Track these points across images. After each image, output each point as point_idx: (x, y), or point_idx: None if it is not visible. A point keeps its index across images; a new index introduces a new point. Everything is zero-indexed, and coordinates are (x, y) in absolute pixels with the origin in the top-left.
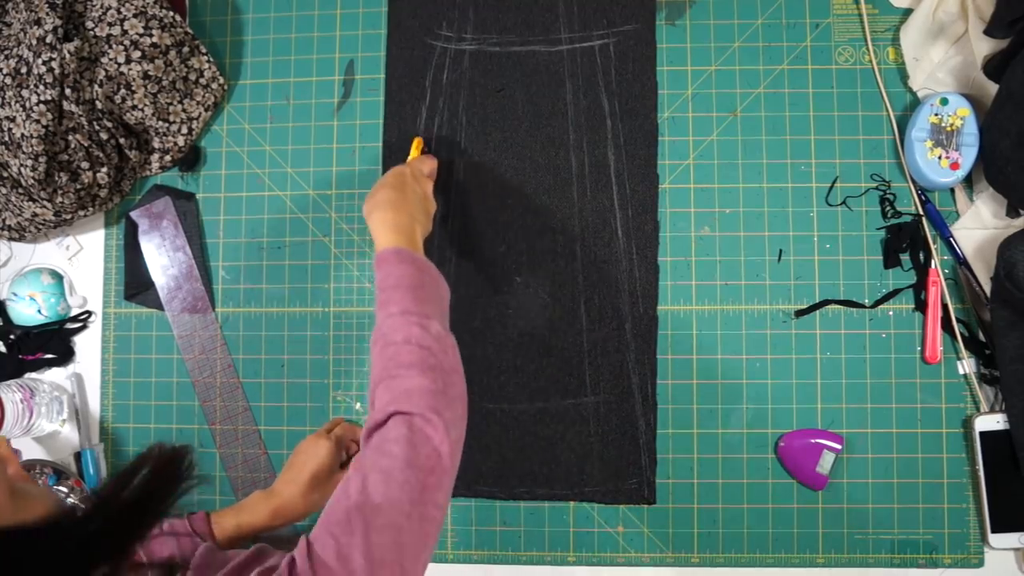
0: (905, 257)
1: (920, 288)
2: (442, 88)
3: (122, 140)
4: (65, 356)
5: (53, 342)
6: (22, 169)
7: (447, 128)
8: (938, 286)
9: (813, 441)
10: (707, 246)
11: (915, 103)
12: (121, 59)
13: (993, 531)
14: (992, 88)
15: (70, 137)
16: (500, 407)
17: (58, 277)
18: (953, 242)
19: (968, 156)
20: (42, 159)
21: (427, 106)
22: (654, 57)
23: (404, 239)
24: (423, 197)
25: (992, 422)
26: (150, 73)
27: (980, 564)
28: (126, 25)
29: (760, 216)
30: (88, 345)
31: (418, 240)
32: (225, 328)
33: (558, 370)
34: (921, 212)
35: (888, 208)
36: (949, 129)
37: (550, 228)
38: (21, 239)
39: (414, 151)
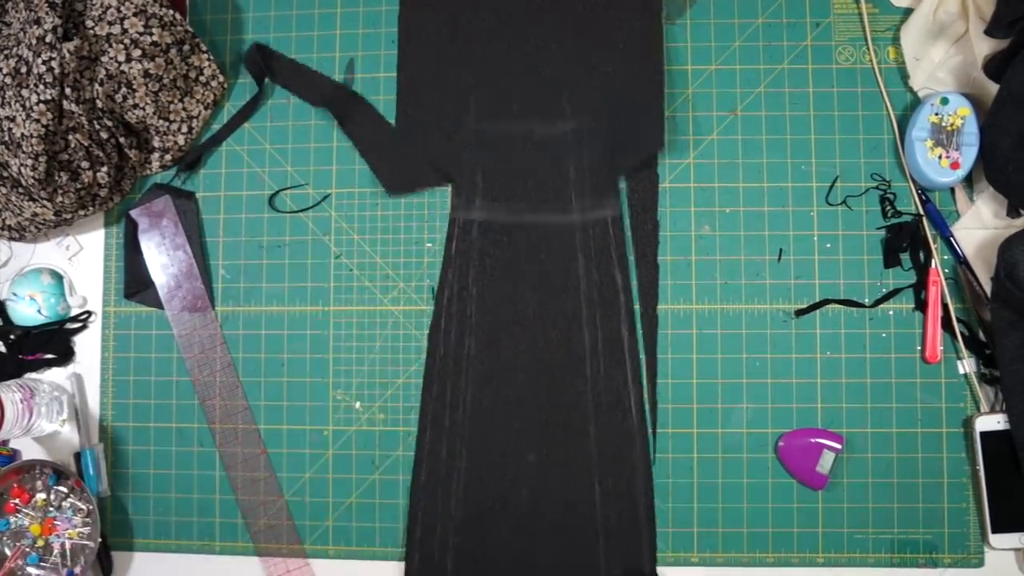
0: (905, 257)
1: (920, 288)
2: (451, 259)
3: (122, 139)
4: (65, 356)
5: (53, 342)
6: (22, 169)
7: (456, 301)
8: (938, 286)
9: (813, 441)
10: (707, 245)
11: (915, 103)
12: (121, 58)
13: (993, 531)
14: (992, 88)
15: (70, 136)
16: None
17: (58, 277)
18: (953, 242)
19: (968, 156)
20: (42, 159)
21: (436, 279)
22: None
23: None
24: None
25: (992, 422)
26: (151, 71)
27: (980, 564)
28: (126, 24)
29: (760, 215)
30: (88, 345)
31: None
32: (225, 327)
33: (571, 551)
34: (921, 212)
35: (888, 208)
36: (949, 129)
37: (563, 406)
38: (21, 239)
39: None
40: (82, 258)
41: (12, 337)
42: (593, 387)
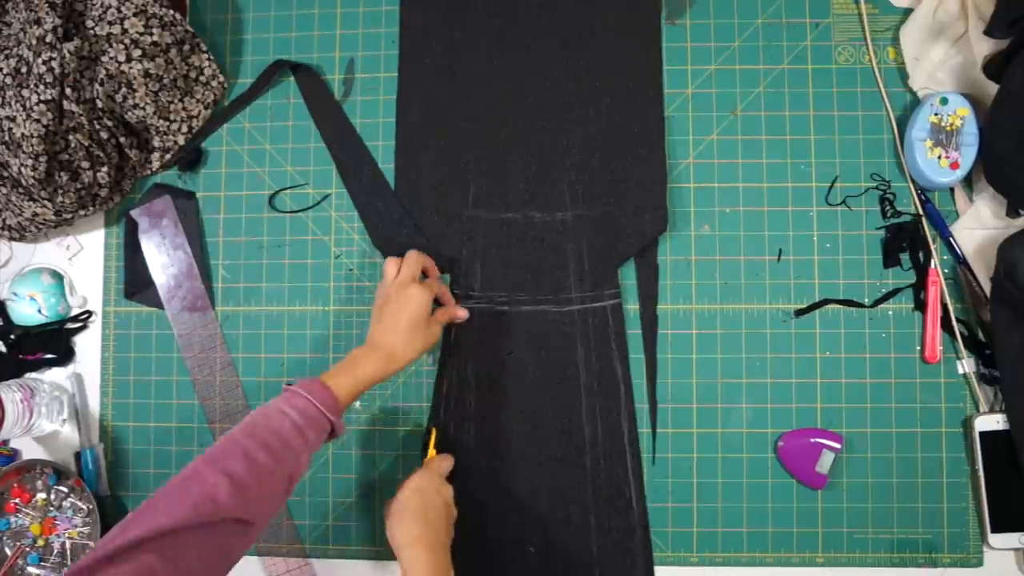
0: (905, 257)
1: (920, 288)
2: (450, 348)
3: (122, 139)
4: (65, 356)
5: (53, 342)
6: (22, 169)
7: (456, 391)
8: (937, 286)
9: (812, 440)
10: (707, 245)
11: (915, 103)
12: (122, 58)
13: (993, 531)
14: (992, 88)
15: (70, 137)
16: None
17: (58, 277)
18: (953, 242)
19: (968, 156)
20: (42, 159)
21: (435, 368)
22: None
23: None
24: (446, 509)
25: (992, 422)
26: (151, 71)
27: (979, 564)
28: (126, 24)
29: (760, 215)
30: (88, 345)
31: (450, 567)
32: (225, 327)
33: None
34: (921, 212)
35: (888, 208)
36: (949, 129)
37: (563, 497)
38: (21, 239)
39: (431, 446)
40: (82, 258)
41: (12, 337)
42: (593, 479)
